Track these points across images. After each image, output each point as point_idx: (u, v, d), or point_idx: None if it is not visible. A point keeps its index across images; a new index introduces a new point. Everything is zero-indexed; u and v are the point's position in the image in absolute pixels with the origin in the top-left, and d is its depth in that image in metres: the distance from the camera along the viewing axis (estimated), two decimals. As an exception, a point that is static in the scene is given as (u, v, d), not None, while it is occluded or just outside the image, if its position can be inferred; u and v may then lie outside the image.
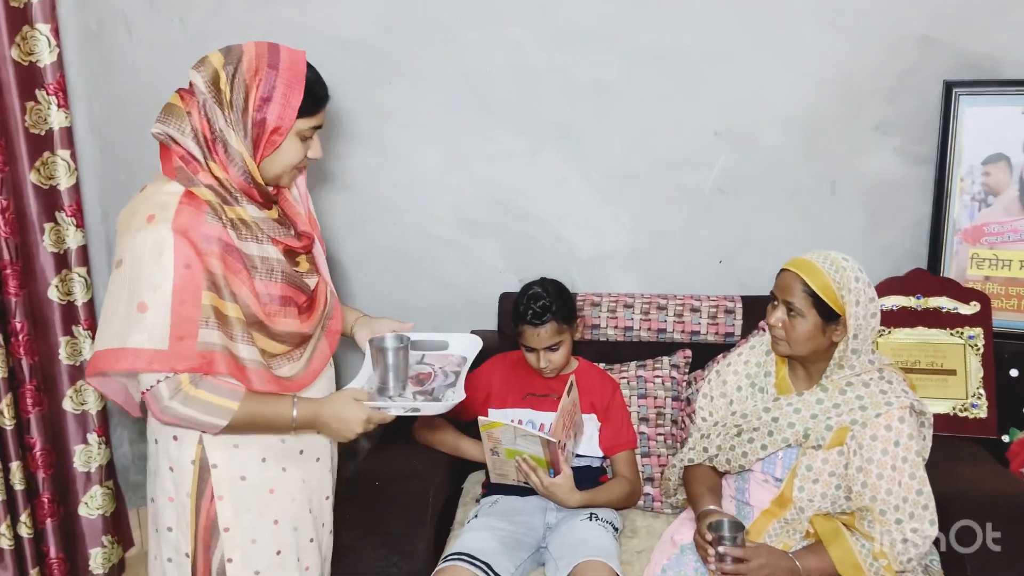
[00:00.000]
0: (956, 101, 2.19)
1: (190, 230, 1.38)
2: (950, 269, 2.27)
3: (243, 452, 1.52)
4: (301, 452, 1.60)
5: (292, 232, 1.53)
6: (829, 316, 1.65)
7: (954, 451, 2.03)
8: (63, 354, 2.33)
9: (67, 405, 2.37)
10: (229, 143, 1.41)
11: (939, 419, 2.13)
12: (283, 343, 1.52)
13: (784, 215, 2.37)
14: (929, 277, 2.24)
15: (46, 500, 2.33)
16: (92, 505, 2.45)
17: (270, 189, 1.51)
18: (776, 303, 1.69)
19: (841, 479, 1.66)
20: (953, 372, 2.16)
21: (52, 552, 2.37)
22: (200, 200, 1.40)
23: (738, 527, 1.63)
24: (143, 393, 1.42)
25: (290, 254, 1.53)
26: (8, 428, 2.21)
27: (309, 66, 1.46)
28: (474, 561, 1.76)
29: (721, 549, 1.60)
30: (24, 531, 2.27)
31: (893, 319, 2.21)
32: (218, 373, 1.42)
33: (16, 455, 2.23)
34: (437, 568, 1.78)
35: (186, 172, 1.40)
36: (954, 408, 2.15)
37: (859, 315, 1.63)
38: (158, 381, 1.40)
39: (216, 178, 1.41)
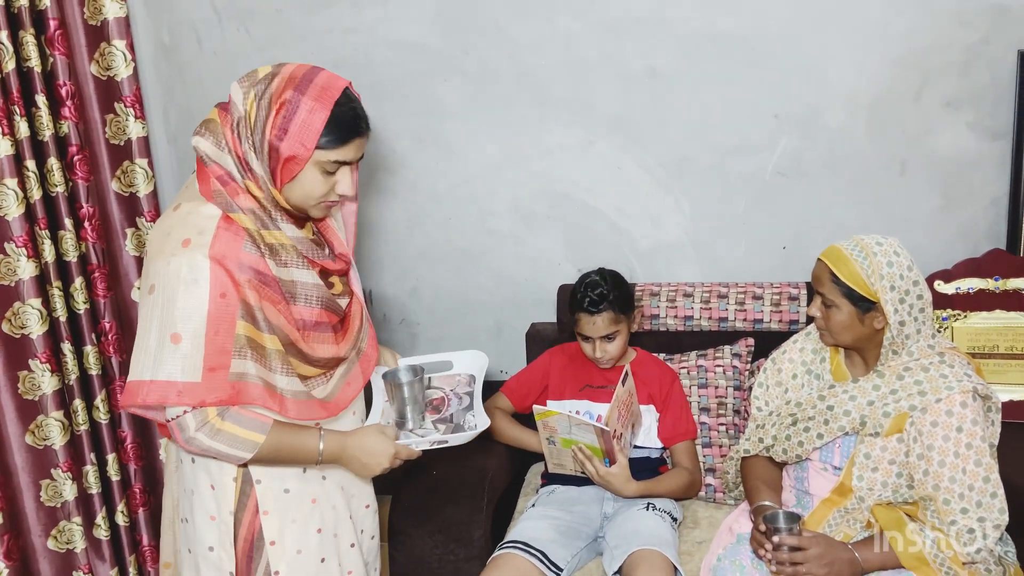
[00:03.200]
0: (1033, 71, 2.08)
1: (226, 258, 1.34)
2: (1031, 249, 2.16)
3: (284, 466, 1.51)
4: None
5: (328, 253, 1.51)
6: (863, 304, 1.60)
7: (1034, 440, 1.93)
8: (147, 352, 2.47)
9: (152, 400, 2.51)
10: (252, 165, 1.37)
11: (1019, 406, 2.03)
12: (318, 367, 1.51)
13: (850, 198, 2.30)
14: (1008, 257, 2.13)
15: (138, 491, 2.47)
16: (178, 495, 2.58)
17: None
18: (816, 294, 1.66)
19: (902, 467, 1.61)
20: (1035, 357, 2.06)
21: (145, 540, 2.50)
22: (238, 226, 1.37)
23: (794, 518, 1.60)
24: (168, 422, 1.40)
25: (324, 274, 1.50)
26: (103, 422, 2.35)
27: (346, 97, 1.38)
28: (529, 549, 1.78)
29: (776, 539, 1.57)
30: (121, 520, 2.42)
31: (969, 302, 2.12)
32: (249, 403, 1.39)
33: (111, 447, 2.38)
34: (493, 555, 1.80)
35: (224, 196, 1.37)
36: (1036, 395, 2.04)
37: (896, 300, 1.57)
38: (184, 412, 1.37)
39: (255, 197, 1.38)
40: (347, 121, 1.37)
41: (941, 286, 2.13)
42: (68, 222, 2.20)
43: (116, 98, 2.32)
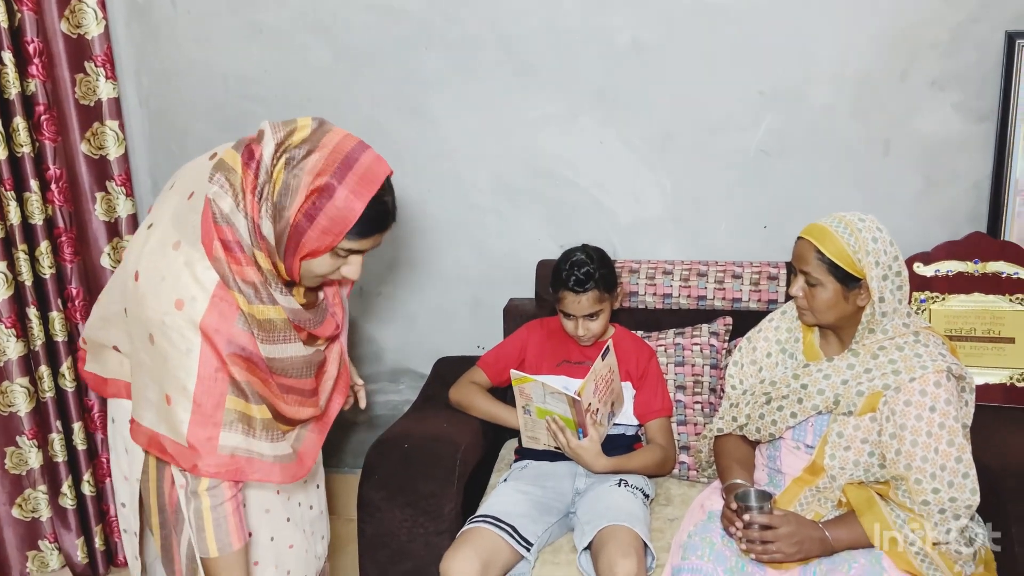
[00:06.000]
0: (1019, 52, 2.05)
1: (218, 332, 1.30)
2: (1011, 232, 2.14)
3: None
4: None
5: (319, 315, 1.46)
6: (849, 281, 1.58)
7: (1009, 422, 1.93)
8: (116, 319, 2.42)
9: (121, 368, 2.46)
10: (263, 232, 1.31)
11: (995, 389, 2.03)
12: (292, 425, 1.49)
13: (833, 177, 2.28)
14: (988, 240, 2.12)
15: (105, 460, 2.43)
16: (147, 465, 2.54)
17: None
18: (796, 273, 1.64)
19: (874, 446, 1.60)
20: (1012, 340, 2.04)
21: (112, 510, 2.47)
22: (233, 300, 1.31)
23: (765, 496, 1.59)
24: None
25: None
26: (69, 390, 2.31)
27: (383, 190, 1.31)
28: (499, 523, 1.76)
29: (747, 517, 1.56)
30: (87, 489, 2.38)
31: (948, 285, 2.11)
32: (246, 480, 1.38)
33: (78, 416, 2.33)
34: (462, 529, 1.78)
35: (224, 265, 1.30)
36: (1011, 378, 2.03)
37: (879, 276, 1.56)
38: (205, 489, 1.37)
39: (260, 268, 1.32)
40: (376, 218, 1.32)
41: (920, 268, 2.12)
42: (34, 184, 2.14)
43: (86, 57, 2.26)
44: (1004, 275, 2.07)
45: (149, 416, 1.36)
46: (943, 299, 2.10)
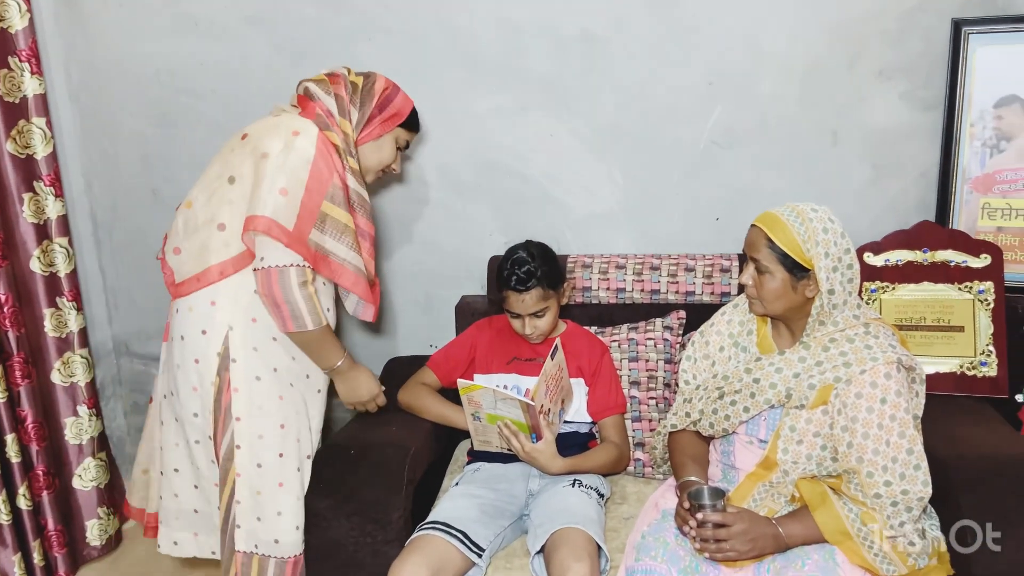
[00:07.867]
0: (965, 40, 2.06)
1: (326, 152, 1.72)
2: (959, 220, 2.15)
3: (261, 356, 1.77)
4: (308, 376, 1.86)
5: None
6: (797, 271, 1.56)
7: (959, 411, 1.93)
8: (48, 326, 2.31)
9: (55, 378, 2.36)
10: (353, 115, 1.82)
11: (945, 378, 2.03)
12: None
13: (783, 168, 2.26)
14: (937, 229, 2.12)
15: (41, 473, 2.33)
16: (86, 477, 2.45)
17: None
18: (748, 261, 1.61)
19: (827, 440, 1.58)
20: (961, 329, 2.05)
21: (50, 524, 2.37)
22: (331, 142, 1.76)
23: (718, 494, 1.56)
24: (270, 269, 1.67)
25: None
26: (0, 401, 2.20)
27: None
28: (450, 530, 1.70)
29: (700, 516, 1.53)
30: (23, 503, 2.28)
31: (897, 274, 2.10)
32: (321, 273, 1.75)
33: (10, 427, 2.23)
34: (411, 537, 1.72)
35: (325, 120, 1.77)
36: (961, 366, 2.04)
37: (829, 268, 1.54)
38: (290, 265, 1.67)
39: (344, 133, 1.79)
40: (416, 119, 1.95)
41: (870, 258, 2.12)
42: (-45, 185, 2.04)
43: (10, 52, 2.15)
44: (953, 263, 2.07)
45: (262, 200, 1.66)
46: (893, 288, 2.10)
